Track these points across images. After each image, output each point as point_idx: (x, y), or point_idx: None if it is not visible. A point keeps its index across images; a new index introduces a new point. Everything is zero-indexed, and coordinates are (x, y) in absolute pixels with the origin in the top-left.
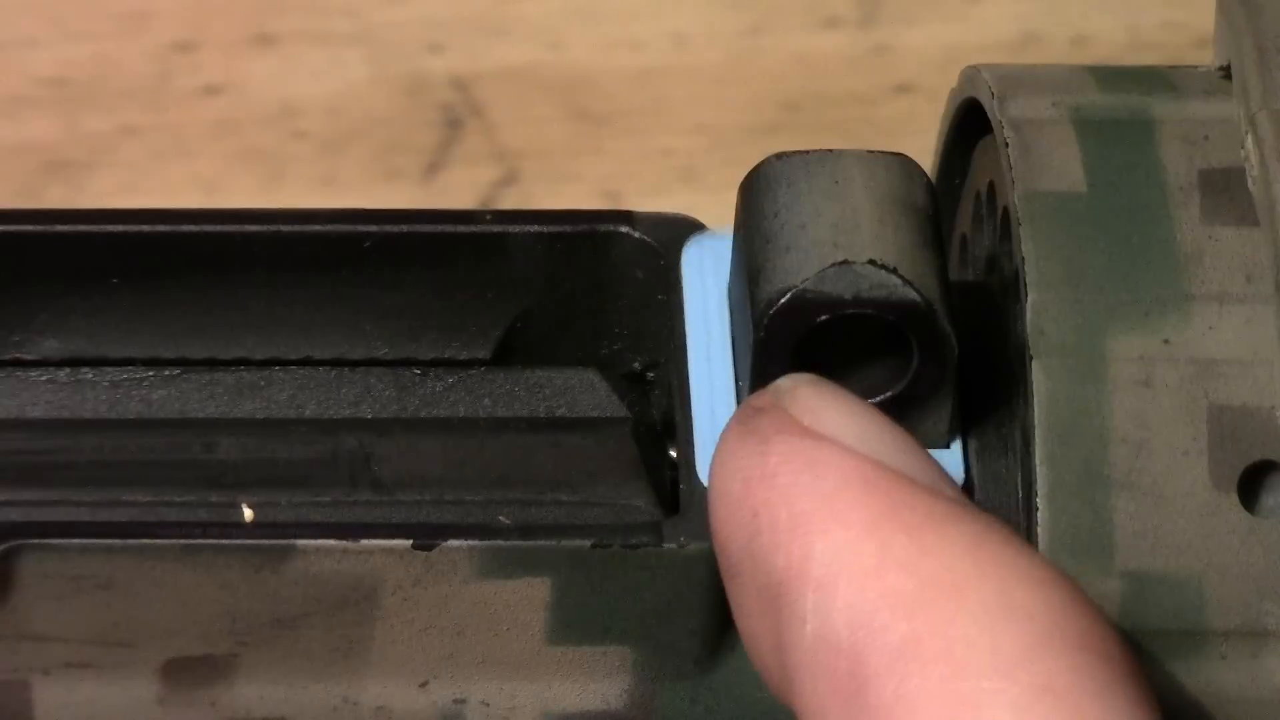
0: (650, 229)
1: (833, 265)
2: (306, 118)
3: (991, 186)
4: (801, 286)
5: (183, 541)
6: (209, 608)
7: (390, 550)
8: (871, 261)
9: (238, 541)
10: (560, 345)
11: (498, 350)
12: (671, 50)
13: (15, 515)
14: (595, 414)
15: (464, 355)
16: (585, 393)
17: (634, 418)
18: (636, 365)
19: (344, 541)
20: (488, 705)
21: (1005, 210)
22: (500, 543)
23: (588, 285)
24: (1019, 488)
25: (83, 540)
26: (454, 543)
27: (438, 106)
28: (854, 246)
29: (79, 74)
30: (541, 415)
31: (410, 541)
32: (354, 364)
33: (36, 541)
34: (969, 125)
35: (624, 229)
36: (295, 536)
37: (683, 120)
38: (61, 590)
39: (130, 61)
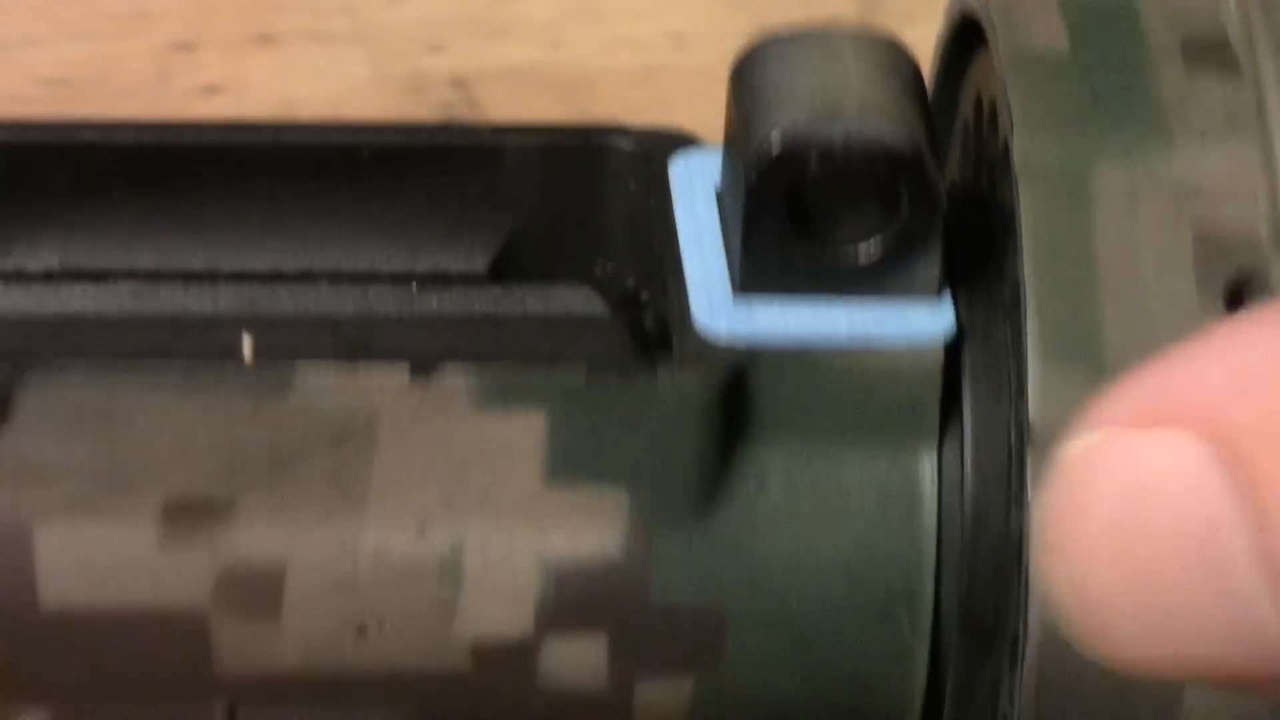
0: (642, 141)
1: (823, 109)
2: (306, 118)
3: (980, 102)
4: (792, 129)
5: (183, 375)
6: (209, 442)
7: (388, 377)
8: (860, 109)
9: (238, 376)
10: (556, 262)
11: (494, 265)
12: (671, 50)
13: (17, 344)
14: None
15: (461, 268)
16: (579, 305)
17: (629, 330)
18: (630, 283)
19: (343, 367)
20: (485, 553)
21: (994, 106)
22: (495, 369)
23: (582, 197)
24: (1008, 340)
25: (85, 368)
26: (451, 368)
27: (438, 106)
28: (843, 98)
29: (79, 74)
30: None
31: (408, 365)
32: (352, 277)
33: (38, 374)
34: (964, 39)
35: (617, 140)
36: (297, 356)
37: (683, 120)
38: (63, 420)
39: (130, 61)
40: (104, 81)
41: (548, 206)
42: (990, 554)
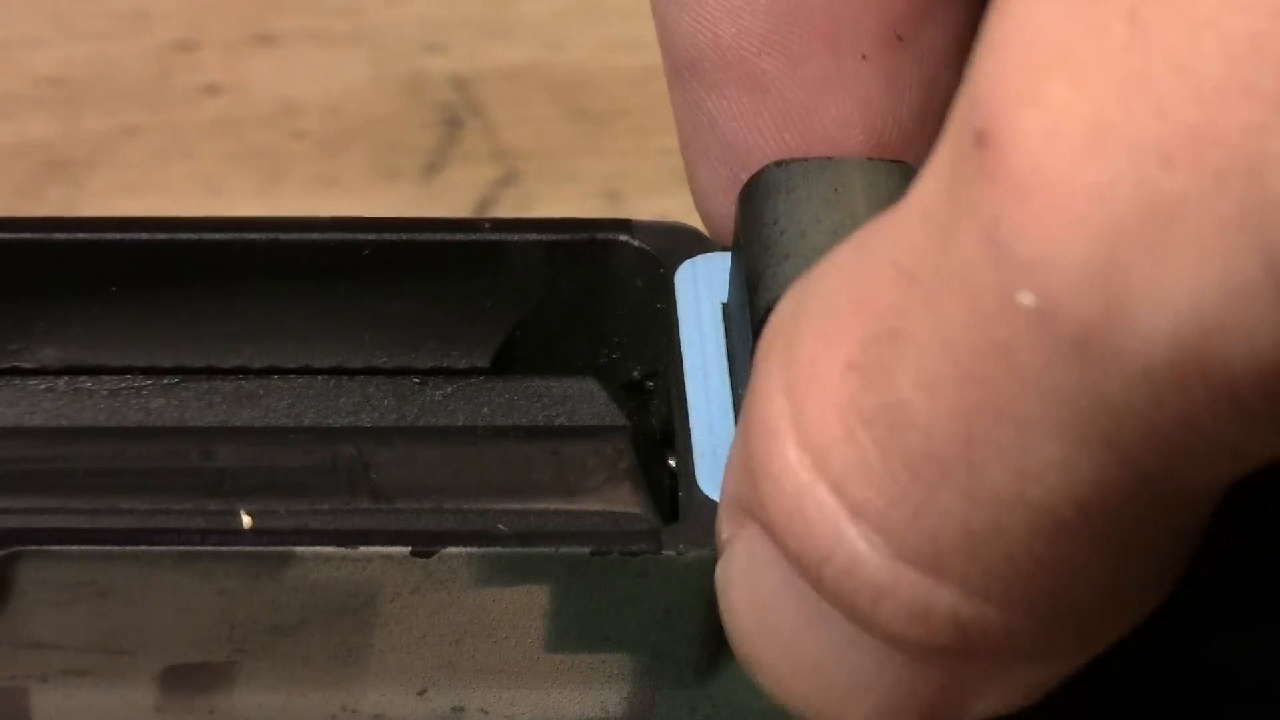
0: (649, 237)
1: None
2: (306, 118)
3: None
4: None
5: (181, 548)
6: (207, 615)
7: (389, 557)
8: None
9: (236, 549)
10: (559, 354)
11: (496, 359)
12: None
13: (14, 522)
14: (594, 423)
15: (463, 364)
16: (584, 401)
17: (633, 426)
18: (636, 374)
19: (342, 549)
20: (486, 713)
21: None
22: (499, 550)
23: (586, 294)
24: None
25: (81, 547)
26: (452, 550)
27: (437, 106)
28: None
29: (79, 74)
30: (540, 424)
31: (409, 548)
32: (353, 373)
33: (35, 548)
34: None
35: (623, 237)
36: (294, 543)
37: None
38: (60, 597)
39: (130, 61)
40: (104, 81)
41: (552, 301)
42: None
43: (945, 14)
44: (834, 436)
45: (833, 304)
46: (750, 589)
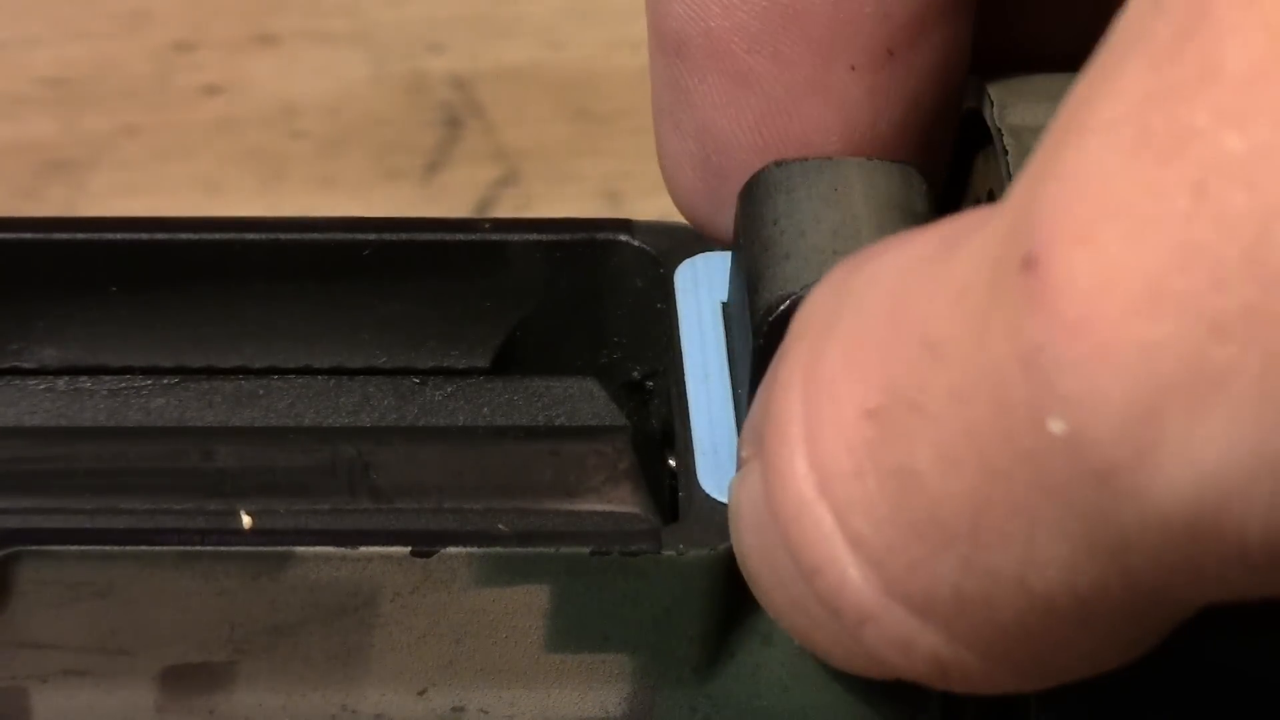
0: (649, 237)
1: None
2: (306, 118)
3: (991, 196)
4: (801, 294)
5: (181, 548)
6: (207, 615)
7: (389, 557)
8: None
9: (236, 549)
10: (559, 354)
11: (496, 359)
12: None
13: (14, 522)
14: (594, 423)
15: (463, 364)
16: (584, 401)
17: (633, 426)
18: (635, 374)
19: (342, 549)
20: (486, 713)
21: None
22: (499, 549)
23: (586, 294)
24: None
25: (81, 547)
26: (452, 550)
27: (438, 106)
28: (853, 253)
29: (79, 74)
30: (540, 424)
31: (409, 548)
32: (353, 373)
33: (35, 548)
34: (969, 134)
35: (622, 237)
36: (294, 544)
37: None
38: (59, 597)
39: (130, 61)
40: (104, 81)
41: (551, 301)
42: (1000, 713)
43: (938, 34)
44: (842, 470)
45: (864, 330)
46: (754, 509)
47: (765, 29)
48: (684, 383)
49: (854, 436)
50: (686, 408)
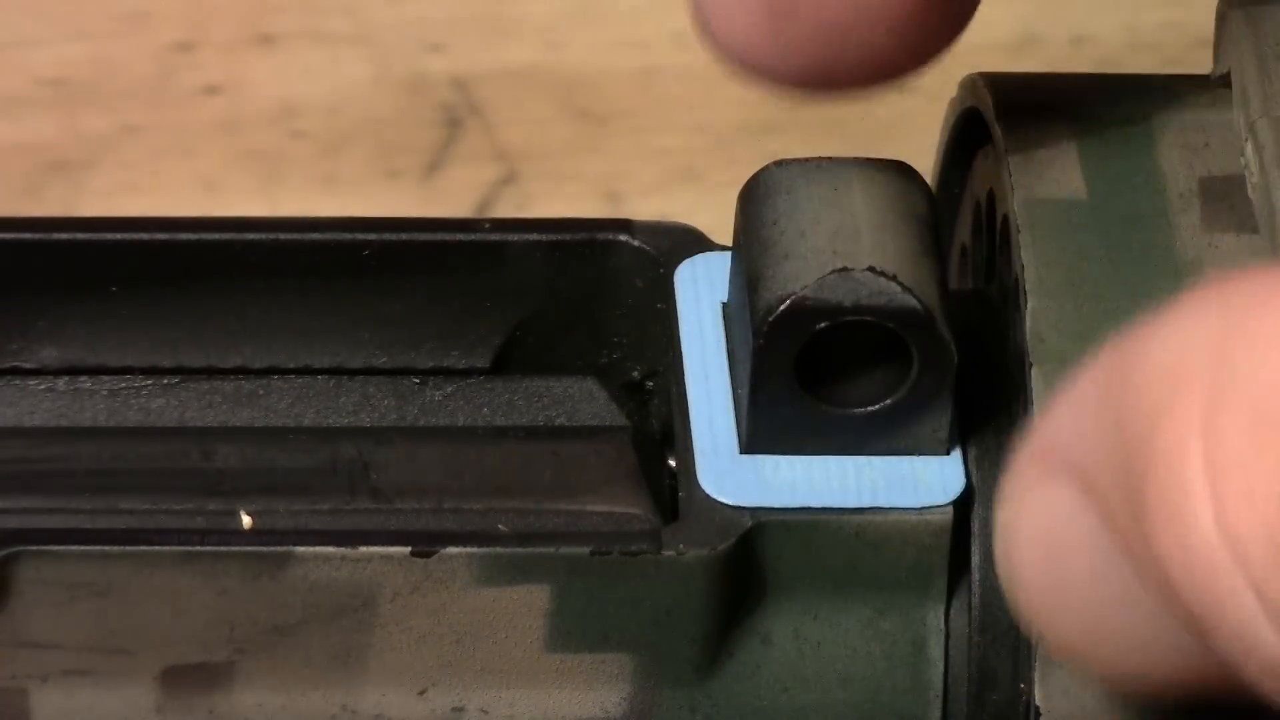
0: (649, 237)
1: (832, 272)
2: (306, 118)
3: (991, 195)
4: (800, 294)
5: (181, 548)
6: (207, 615)
7: (389, 557)
8: (871, 269)
9: (236, 549)
10: (559, 354)
11: (496, 359)
12: (671, 50)
13: (13, 522)
14: (594, 423)
15: (463, 364)
16: (584, 401)
17: (633, 426)
18: (635, 374)
19: (342, 549)
20: (486, 713)
21: (1005, 219)
22: (499, 549)
23: (586, 293)
24: None
25: (81, 547)
26: (452, 550)
27: (438, 106)
28: (853, 254)
29: (79, 74)
30: (540, 424)
31: (409, 548)
32: (352, 373)
33: (35, 548)
34: (969, 134)
35: (623, 237)
36: (294, 544)
37: (683, 120)
38: (59, 597)
39: (130, 61)
40: (104, 81)
41: (551, 301)
42: (998, 713)
43: None
44: (1262, 551)
45: (1270, 410)
46: (1046, 536)
47: None
48: (684, 383)
49: (1272, 518)
50: (686, 408)
